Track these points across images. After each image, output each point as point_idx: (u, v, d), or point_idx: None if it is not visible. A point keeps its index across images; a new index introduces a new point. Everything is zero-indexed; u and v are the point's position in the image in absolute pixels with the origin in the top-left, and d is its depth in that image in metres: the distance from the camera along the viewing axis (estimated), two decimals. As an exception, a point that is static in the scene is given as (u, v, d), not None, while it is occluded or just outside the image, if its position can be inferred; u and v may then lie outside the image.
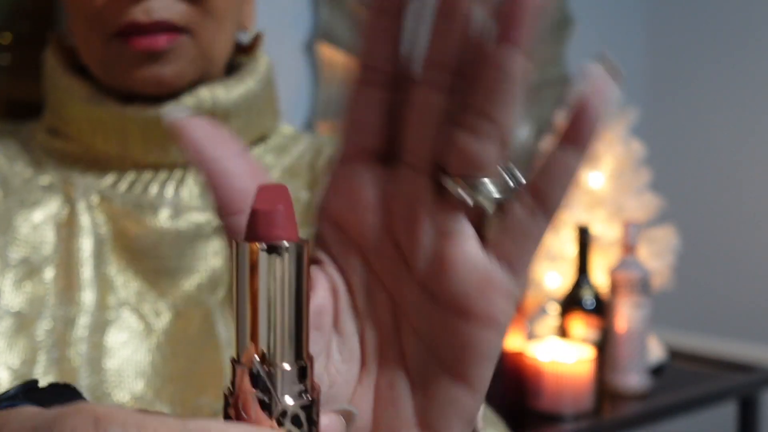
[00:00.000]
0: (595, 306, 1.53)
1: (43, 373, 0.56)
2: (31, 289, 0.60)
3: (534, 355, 1.40)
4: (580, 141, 0.32)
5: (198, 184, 0.66)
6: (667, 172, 2.32)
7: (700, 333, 2.56)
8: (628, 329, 1.54)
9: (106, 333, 0.59)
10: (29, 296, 0.59)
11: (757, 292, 2.44)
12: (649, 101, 2.74)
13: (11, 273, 0.59)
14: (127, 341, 0.59)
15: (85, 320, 0.59)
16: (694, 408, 1.56)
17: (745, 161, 2.47)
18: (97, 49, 0.63)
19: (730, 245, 2.51)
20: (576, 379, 1.37)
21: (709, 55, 2.58)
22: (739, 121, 2.49)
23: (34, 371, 0.56)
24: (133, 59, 0.61)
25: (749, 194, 2.46)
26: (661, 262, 1.74)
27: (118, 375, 0.58)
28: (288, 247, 0.29)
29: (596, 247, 1.65)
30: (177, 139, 0.34)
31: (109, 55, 0.62)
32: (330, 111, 1.97)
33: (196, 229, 0.64)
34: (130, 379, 0.58)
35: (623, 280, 1.54)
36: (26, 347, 0.57)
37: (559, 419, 1.37)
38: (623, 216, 1.71)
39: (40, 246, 0.61)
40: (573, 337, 1.53)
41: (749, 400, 1.69)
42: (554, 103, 2.42)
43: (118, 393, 0.57)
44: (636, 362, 1.54)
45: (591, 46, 2.59)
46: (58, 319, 0.59)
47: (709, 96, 2.58)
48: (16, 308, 0.59)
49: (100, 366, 0.58)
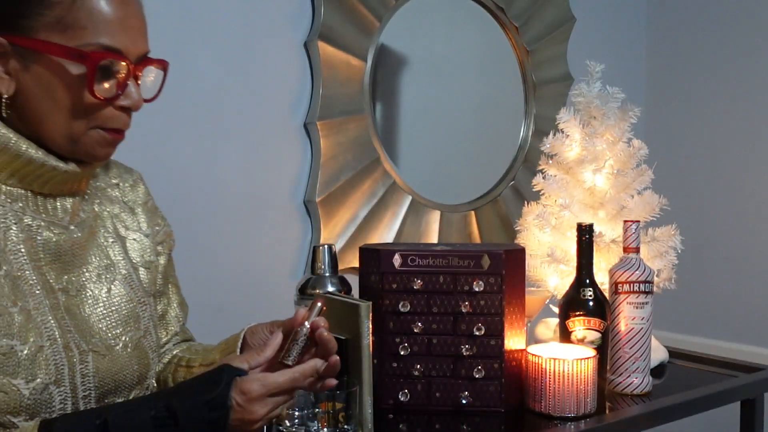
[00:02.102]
0: (597, 306, 1.52)
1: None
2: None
3: (535, 355, 1.40)
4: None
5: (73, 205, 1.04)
6: (667, 172, 2.32)
7: (701, 333, 2.56)
8: (629, 329, 1.54)
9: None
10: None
11: (758, 292, 2.43)
12: (649, 101, 2.74)
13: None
14: None
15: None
16: (695, 409, 1.56)
17: (745, 161, 2.47)
18: (76, 131, 0.95)
19: (730, 245, 2.51)
20: (577, 380, 1.37)
21: (709, 56, 2.58)
22: (740, 121, 2.49)
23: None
24: (104, 143, 0.98)
25: (750, 194, 2.46)
26: (662, 261, 1.73)
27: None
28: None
29: (598, 247, 1.65)
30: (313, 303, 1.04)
31: (86, 138, 0.96)
32: (329, 111, 1.97)
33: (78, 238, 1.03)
34: None
35: (624, 280, 1.54)
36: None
37: (560, 420, 1.37)
38: (624, 216, 1.71)
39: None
40: (574, 338, 1.52)
41: (751, 400, 1.69)
42: (554, 102, 2.41)
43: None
44: (637, 363, 1.54)
45: (591, 46, 2.59)
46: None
47: (709, 96, 2.58)
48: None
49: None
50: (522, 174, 2.36)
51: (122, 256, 1.07)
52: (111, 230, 1.08)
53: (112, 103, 0.95)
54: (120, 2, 0.94)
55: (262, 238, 1.89)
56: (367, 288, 1.45)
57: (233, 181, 1.85)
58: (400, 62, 2.17)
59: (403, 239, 2.11)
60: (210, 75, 1.81)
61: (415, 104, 2.21)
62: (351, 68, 2.00)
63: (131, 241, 1.11)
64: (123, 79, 0.95)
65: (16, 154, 0.94)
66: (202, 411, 0.89)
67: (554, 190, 1.75)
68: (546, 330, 1.77)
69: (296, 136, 1.96)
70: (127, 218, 1.12)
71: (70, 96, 0.93)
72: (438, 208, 2.20)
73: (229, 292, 1.82)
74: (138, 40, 0.97)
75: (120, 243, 1.08)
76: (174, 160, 1.76)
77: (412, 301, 1.41)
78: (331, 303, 1.35)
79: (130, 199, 1.14)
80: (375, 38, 2.05)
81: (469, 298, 1.40)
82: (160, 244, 1.17)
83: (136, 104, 0.98)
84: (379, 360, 1.42)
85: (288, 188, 1.96)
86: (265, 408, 0.93)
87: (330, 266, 1.51)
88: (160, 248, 1.17)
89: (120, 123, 0.98)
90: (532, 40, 2.39)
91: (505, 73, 2.39)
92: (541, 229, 1.73)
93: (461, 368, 1.41)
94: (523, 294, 1.46)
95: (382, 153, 2.07)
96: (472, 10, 2.28)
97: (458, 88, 2.29)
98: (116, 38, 0.93)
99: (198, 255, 1.78)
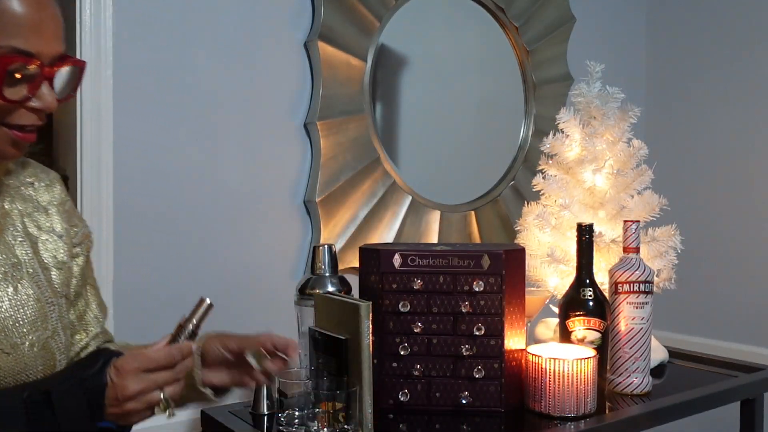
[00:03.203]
0: (597, 306, 1.52)
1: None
2: None
3: (535, 355, 1.40)
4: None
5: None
6: (667, 172, 2.32)
7: (701, 333, 2.56)
8: (629, 329, 1.54)
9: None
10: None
11: (758, 292, 2.43)
12: (649, 101, 2.74)
13: None
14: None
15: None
16: (695, 409, 1.56)
17: (745, 161, 2.47)
18: None
19: (730, 245, 2.50)
20: (577, 380, 1.37)
21: (709, 56, 2.58)
22: (740, 121, 2.49)
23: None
24: (11, 142, 0.98)
25: (750, 194, 2.46)
26: (662, 261, 1.73)
27: None
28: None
29: (598, 247, 1.65)
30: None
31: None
32: (329, 111, 1.97)
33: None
34: None
35: (624, 280, 1.54)
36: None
37: (560, 420, 1.37)
38: (624, 216, 1.71)
39: None
40: (574, 338, 1.52)
41: (751, 400, 1.69)
42: (554, 102, 2.41)
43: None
44: (637, 363, 1.54)
45: (591, 46, 2.59)
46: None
47: (709, 96, 2.58)
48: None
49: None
50: (522, 174, 2.36)
51: (30, 256, 1.05)
52: (20, 229, 1.06)
53: (23, 105, 0.95)
54: (33, 4, 0.93)
55: (262, 238, 1.89)
56: (367, 288, 1.45)
57: (233, 181, 1.85)
58: (400, 62, 2.17)
59: (403, 239, 2.11)
60: (210, 75, 1.81)
61: (415, 104, 2.21)
62: (351, 68, 2.00)
63: (43, 241, 1.08)
64: (36, 82, 0.95)
65: None
66: (77, 391, 0.91)
67: (554, 190, 1.75)
68: (546, 330, 1.77)
69: (296, 136, 1.96)
70: (40, 218, 1.10)
71: None
72: (438, 208, 2.20)
73: (230, 292, 1.82)
74: (52, 41, 0.96)
75: (29, 242, 1.06)
76: (174, 160, 1.76)
77: (412, 301, 1.41)
78: (331, 303, 1.35)
79: (44, 199, 1.12)
80: (375, 38, 2.05)
81: (469, 298, 1.40)
82: (77, 245, 1.14)
83: (49, 106, 0.97)
84: (379, 360, 1.42)
85: (288, 188, 1.96)
86: (139, 384, 0.92)
87: (330, 266, 1.51)
88: (77, 250, 1.14)
89: (29, 121, 0.97)
90: (532, 40, 2.39)
91: (505, 73, 2.39)
92: (541, 229, 1.73)
93: (461, 368, 1.41)
94: (523, 294, 1.46)
95: (382, 153, 2.07)
96: (472, 10, 2.28)
97: (458, 88, 2.29)
98: (29, 41, 0.93)
99: (198, 255, 1.78)
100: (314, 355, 1.36)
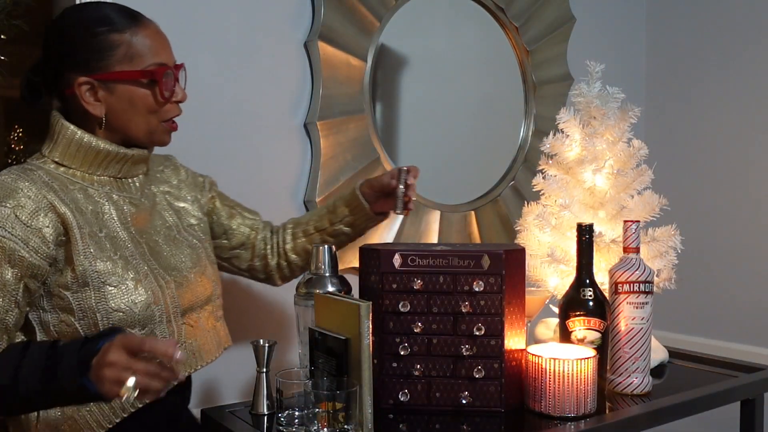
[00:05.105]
0: (597, 306, 1.52)
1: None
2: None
3: (535, 355, 1.40)
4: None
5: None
6: (667, 172, 2.32)
7: (701, 333, 2.56)
8: (629, 329, 1.54)
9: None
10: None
11: (758, 292, 2.43)
12: (649, 101, 2.74)
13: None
14: None
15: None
16: (695, 409, 1.56)
17: (745, 161, 2.47)
18: (153, 126, 1.35)
19: (730, 245, 2.50)
20: (577, 380, 1.37)
21: (708, 56, 2.58)
22: (739, 121, 2.49)
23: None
24: (168, 132, 1.39)
25: (749, 194, 2.46)
26: (662, 261, 1.73)
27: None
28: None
29: (598, 247, 1.65)
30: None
31: (158, 129, 1.36)
32: (329, 110, 1.97)
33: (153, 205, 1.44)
34: None
35: (624, 280, 1.54)
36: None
37: (560, 420, 1.37)
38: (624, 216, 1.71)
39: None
40: (574, 338, 1.52)
41: (751, 400, 1.69)
42: (554, 102, 2.41)
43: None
44: (637, 363, 1.54)
45: (591, 46, 2.59)
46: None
47: (709, 96, 2.58)
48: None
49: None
50: (522, 174, 2.36)
51: (176, 221, 1.45)
52: (165, 204, 1.46)
53: (170, 100, 1.35)
54: (156, 32, 1.35)
55: (262, 238, 1.89)
56: (367, 288, 1.45)
57: (233, 181, 1.85)
58: (400, 62, 2.17)
59: (403, 239, 2.11)
60: (210, 75, 1.81)
61: (415, 104, 2.21)
62: (351, 68, 2.00)
63: (183, 209, 1.49)
64: (174, 83, 1.36)
65: (102, 152, 1.32)
66: (75, 347, 1.13)
67: (554, 190, 1.75)
68: (546, 330, 1.77)
69: (296, 136, 1.96)
70: (174, 192, 1.50)
71: (145, 102, 1.32)
72: (438, 208, 2.20)
73: (230, 292, 1.82)
74: (171, 54, 1.37)
75: (173, 210, 1.46)
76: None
77: (412, 301, 1.41)
78: (331, 303, 1.35)
79: (174, 180, 1.52)
80: (375, 38, 2.05)
81: (469, 298, 1.40)
82: (209, 189, 1.57)
83: (184, 98, 1.37)
84: (379, 360, 1.42)
85: (288, 188, 1.96)
86: (117, 357, 1.07)
87: (330, 266, 1.51)
88: (210, 194, 1.57)
89: (176, 113, 1.38)
90: (532, 40, 2.39)
91: (505, 73, 2.39)
92: (541, 229, 1.73)
93: (461, 368, 1.41)
94: (523, 294, 1.46)
95: (382, 153, 2.07)
96: (472, 10, 2.28)
97: (458, 88, 2.29)
98: (162, 56, 1.33)
99: (198, 255, 1.78)
100: (314, 355, 1.36)
